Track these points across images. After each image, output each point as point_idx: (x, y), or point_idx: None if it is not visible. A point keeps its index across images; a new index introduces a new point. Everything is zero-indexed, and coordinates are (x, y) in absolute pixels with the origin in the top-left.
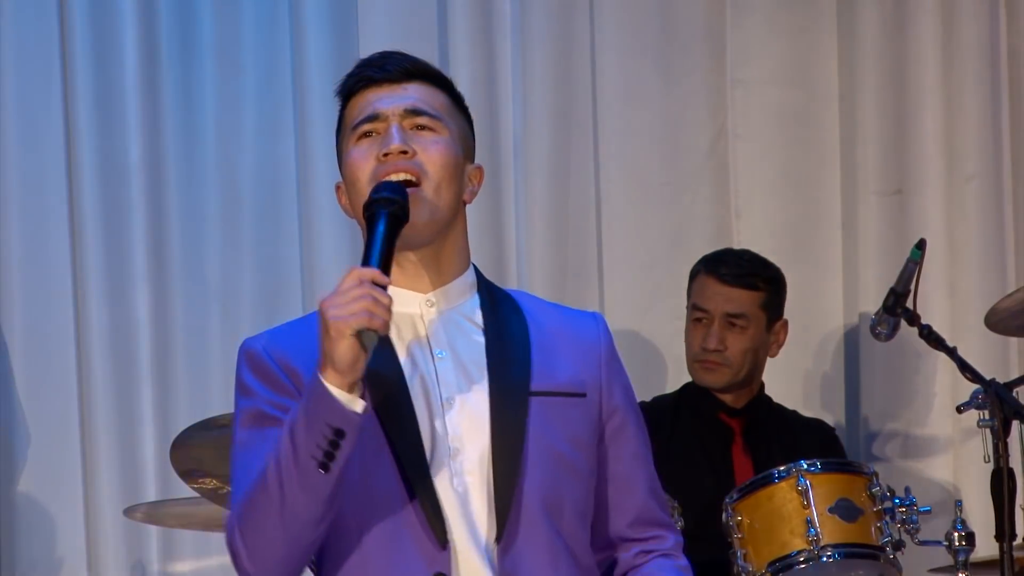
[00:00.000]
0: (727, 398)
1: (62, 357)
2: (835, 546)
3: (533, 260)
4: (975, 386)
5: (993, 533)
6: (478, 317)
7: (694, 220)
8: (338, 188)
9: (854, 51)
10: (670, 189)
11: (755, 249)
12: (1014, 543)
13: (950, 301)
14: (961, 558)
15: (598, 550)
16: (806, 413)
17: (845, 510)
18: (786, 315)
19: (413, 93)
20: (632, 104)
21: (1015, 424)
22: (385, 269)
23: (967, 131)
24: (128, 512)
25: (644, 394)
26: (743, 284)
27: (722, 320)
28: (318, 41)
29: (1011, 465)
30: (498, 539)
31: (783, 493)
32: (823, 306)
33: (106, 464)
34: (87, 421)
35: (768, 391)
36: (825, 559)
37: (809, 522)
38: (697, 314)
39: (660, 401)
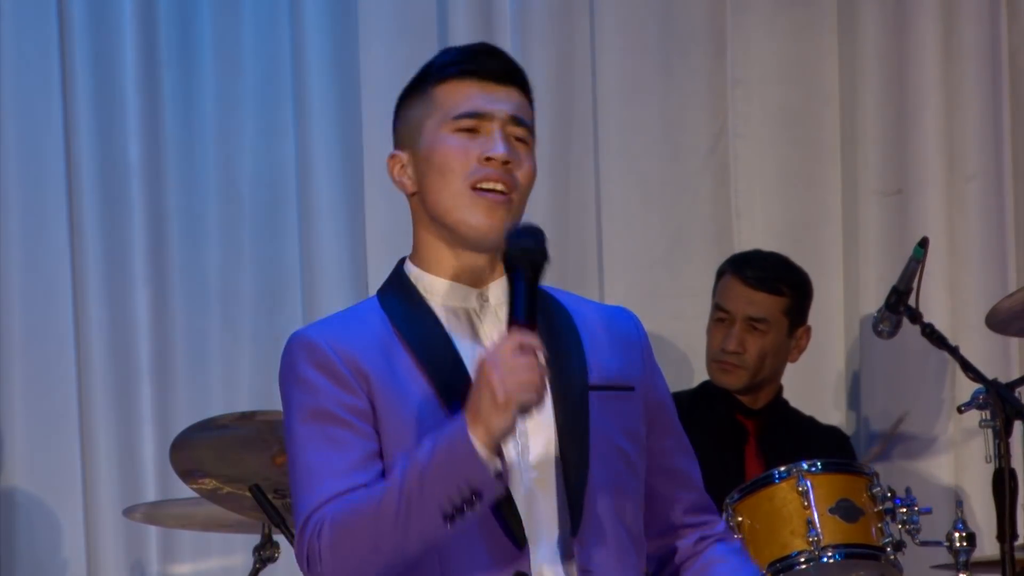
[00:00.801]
0: (744, 399)
1: (62, 357)
2: (836, 547)
3: None
4: (976, 386)
5: (994, 533)
6: None
7: (694, 220)
8: (393, 158)
9: (854, 51)
10: (670, 189)
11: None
12: (1015, 543)
13: (951, 301)
14: (962, 558)
15: (653, 538)
16: (806, 413)
17: (846, 510)
18: (807, 319)
19: (518, 101)
20: (632, 104)
21: (1017, 424)
22: (534, 325)
23: (967, 131)
24: (128, 512)
25: None
26: (767, 288)
27: (743, 322)
28: (318, 41)
29: (1012, 465)
30: (573, 533)
31: (784, 494)
32: (823, 306)
33: (106, 464)
34: (87, 421)
35: None
36: (826, 560)
37: (810, 523)
38: (719, 314)
39: (677, 397)
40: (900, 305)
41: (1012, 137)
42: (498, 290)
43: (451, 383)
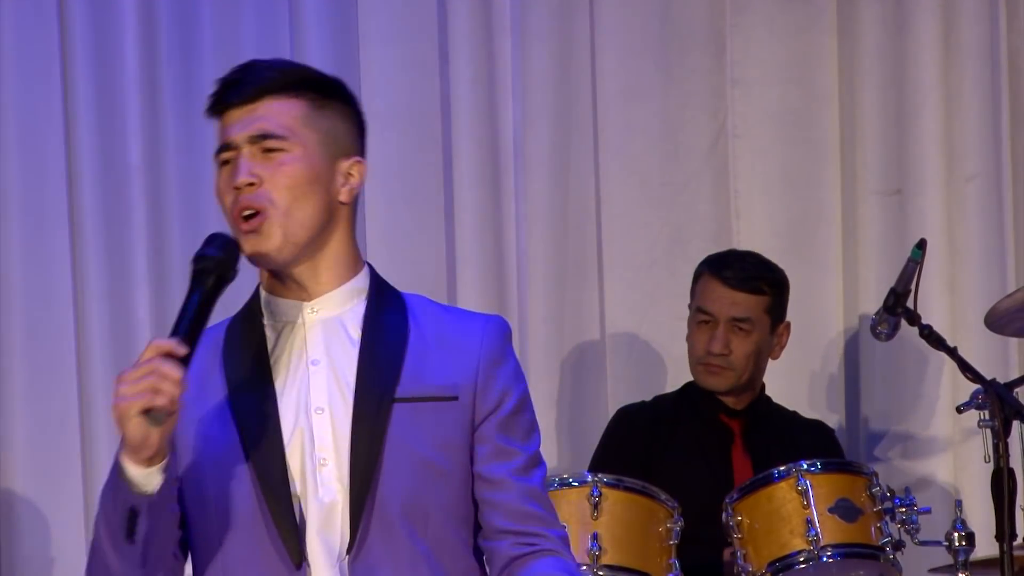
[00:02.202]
0: (728, 400)
1: (62, 357)
2: (835, 546)
3: (533, 260)
4: (975, 386)
5: (993, 533)
6: (358, 324)
7: (694, 220)
8: None
9: (854, 51)
10: (670, 189)
11: (755, 249)
12: (1014, 543)
13: (950, 301)
14: (961, 558)
15: (483, 543)
16: (807, 413)
17: (845, 510)
18: (786, 315)
19: (263, 113)
20: (632, 104)
21: (1015, 424)
22: (190, 337)
23: (967, 131)
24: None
25: (643, 394)
26: (748, 288)
27: (727, 324)
28: (318, 41)
29: (1011, 465)
30: (348, 549)
31: (783, 493)
32: (823, 306)
33: (106, 464)
34: (87, 421)
35: (768, 391)
36: (825, 559)
37: (809, 522)
38: (701, 317)
39: (661, 400)
40: (898, 307)
41: (1011, 137)
42: (331, 302)
43: (250, 402)
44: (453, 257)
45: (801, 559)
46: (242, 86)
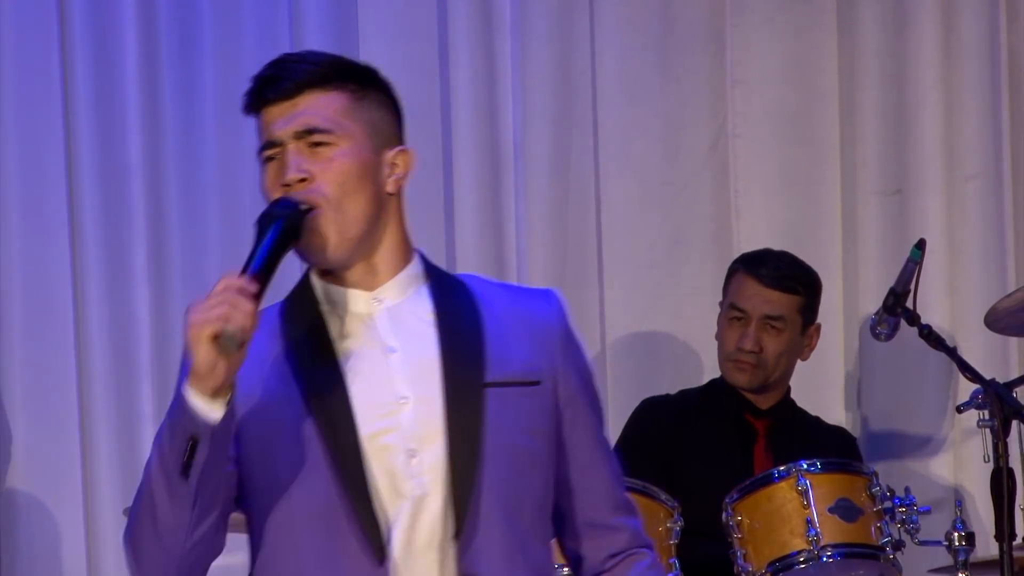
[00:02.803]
0: (754, 399)
1: (62, 357)
2: (835, 546)
3: (533, 260)
4: (975, 386)
5: (993, 533)
6: (428, 308)
7: (694, 220)
8: None
9: (854, 51)
10: (670, 189)
11: (755, 249)
12: (1014, 543)
13: (950, 301)
14: (961, 558)
15: (567, 538)
16: (811, 413)
17: (845, 510)
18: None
19: (304, 107)
20: (632, 104)
21: (1015, 424)
22: (261, 277)
23: (967, 131)
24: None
25: (643, 393)
26: (783, 287)
27: (760, 321)
28: (318, 41)
29: (1011, 465)
30: (456, 536)
31: (783, 493)
32: (823, 306)
33: (106, 464)
34: (87, 421)
35: None
36: (825, 559)
37: (809, 522)
38: (734, 313)
39: (687, 394)
40: (898, 307)
41: (1011, 137)
42: (393, 290)
43: (324, 393)
44: (453, 257)
45: (801, 559)
46: (280, 81)
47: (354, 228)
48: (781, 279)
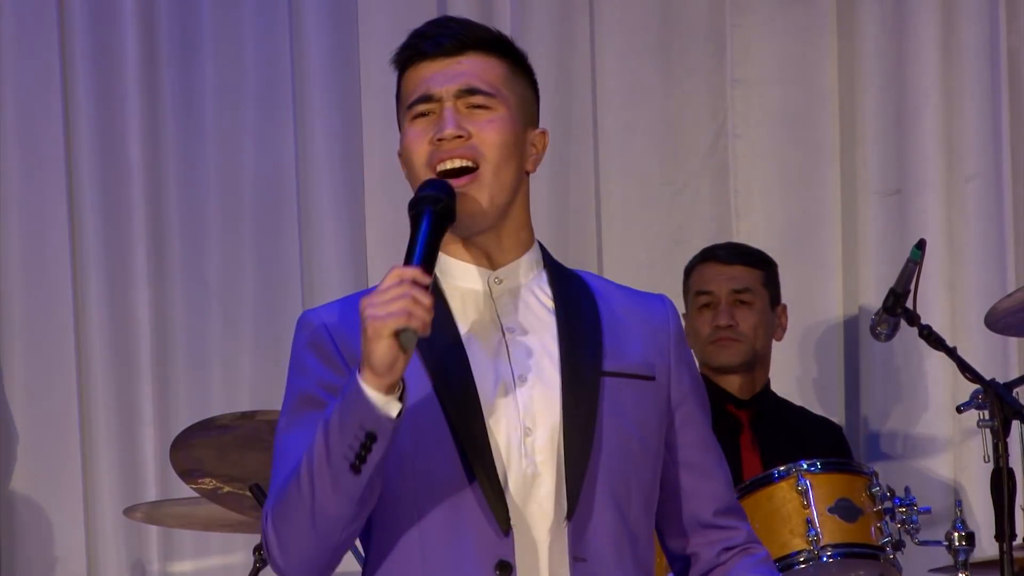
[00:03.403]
0: (735, 387)
1: (62, 357)
2: (835, 546)
3: None
4: (975, 386)
5: (993, 533)
6: (547, 294)
7: (694, 220)
8: (400, 156)
9: (854, 51)
10: (670, 189)
11: None
12: (1014, 543)
13: (950, 301)
14: (961, 558)
15: (672, 537)
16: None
17: (845, 510)
18: (781, 299)
19: (468, 68)
20: (632, 104)
21: (1015, 424)
22: (427, 268)
23: (967, 131)
24: (128, 512)
25: None
26: (743, 261)
27: (729, 298)
28: (318, 41)
29: (1011, 465)
30: (568, 518)
31: (783, 493)
32: (823, 306)
33: (106, 464)
34: (87, 421)
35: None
36: (825, 559)
37: (809, 522)
38: (702, 299)
39: None
40: (897, 307)
41: (1011, 137)
42: (515, 272)
43: (446, 364)
44: None
45: (801, 559)
46: (442, 38)
47: (503, 195)
48: (738, 254)
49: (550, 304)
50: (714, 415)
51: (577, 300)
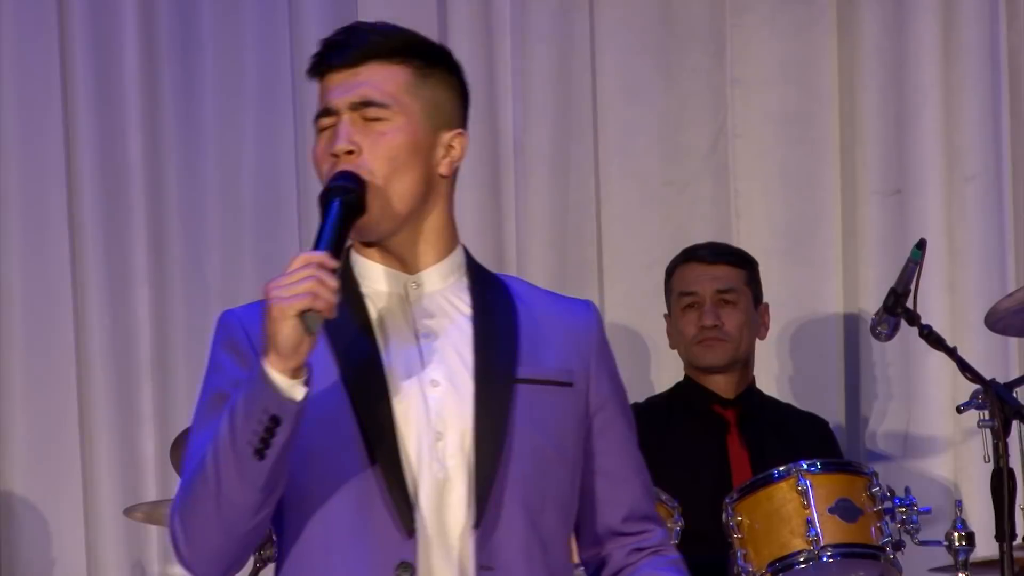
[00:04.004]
0: (719, 387)
1: (62, 357)
2: (835, 546)
3: (533, 260)
4: (975, 386)
5: (993, 533)
6: (465, 300)
7: (694, 220)
8: None
9: (854, 51)
10: (670, 189)
11: (755, 249)
12: (1014, 543)
13: (950, 301)
14: (961, 558)
15: (587, 546)
16: (804, 410)
17: (845, 510)
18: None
19: (365, 79)
20: (632, 103)
21: (1015, 424)
22: (334, 252)
23: (967, 131)
24: (128, 512)
25: (644, 393)
26: (726, 261)
27: (713, 298)
28: (318, 40)
29: (1011, 465)
30: (476, 526)
31: (783, 493)
32: (823, 306)
33: (106, 464)
34: (87, 421)
35: (768, 390)
36: (825, 559)
37: (809, 522)
38: (686, 300)
39: (653, 401)
40: (898, 307)
41: (1011, 137)
42: (433, 276)
43: (360, 366)
44: None
45: (801, 559)
46: (346, 49)
47: (399, 206)
48: (721, 254)
49: (467, 310)
50: (701, 415)
51: (495, 306)
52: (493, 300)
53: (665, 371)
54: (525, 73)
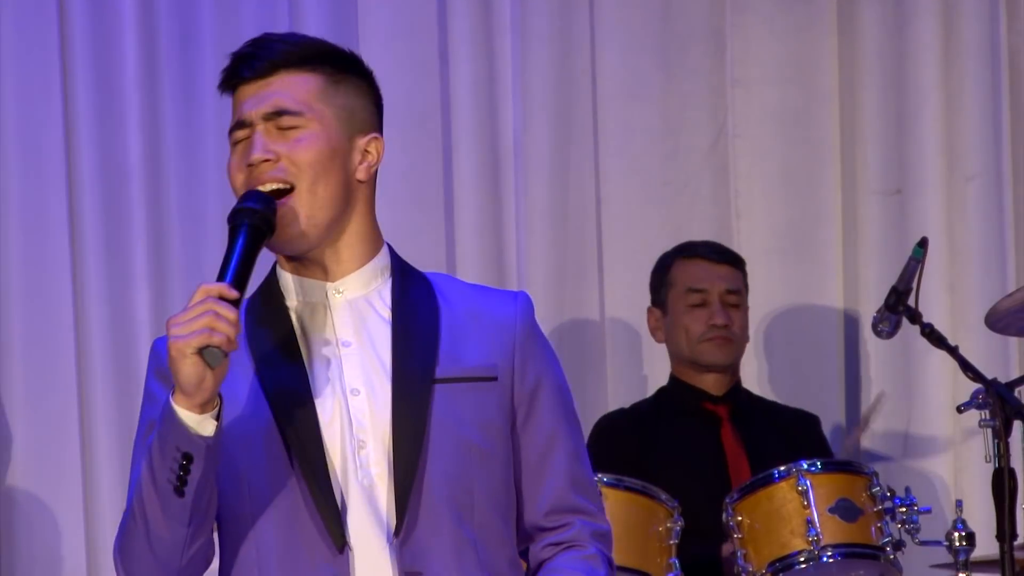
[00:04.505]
0: (709, 384)
1: (62, 357)
2: (835, 546)
3: (533, 260)
4: (975, 386)
5: (993, 533)
6: (387, 303)
7: (694, 220)
8: None
9: (854, 51)
10: (670, 189)
11: (755, 249)
12: (1014, 543)
13: (950, 301)
14: (961, 558)
15: (520, 541)
16: (806, 412)
17: (845, 510)
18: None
19: (276, 88)
20: (632, 104)
21: (1016, 424)
22: (238, 283)
23: (967, 131)
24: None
25: (644, 393)
26: (729, 261)
27: (723, 297)
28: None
29: (1012, 465)
30: (396, 533)
31: (783, 493)
32: (823, 305)
33: (106, 464)
34: (87, 421)
35: (768, 390)
36: (825, 559)
37: (809, 522)
38: (695, 298)
39: (638, 408)
40: (899, 305)
41: (1012, 137)
42: (355, 282)
43: (283, 383)
44: (453, 257)
45: (801, 559)
46: (255, 60)
47: (322, 212)
48: (725, 253)
49: (387, 314)
50: (692, 414)
51: (415, 307)
52: (414, 301)
53: (663, 369)
54: (525, 73)
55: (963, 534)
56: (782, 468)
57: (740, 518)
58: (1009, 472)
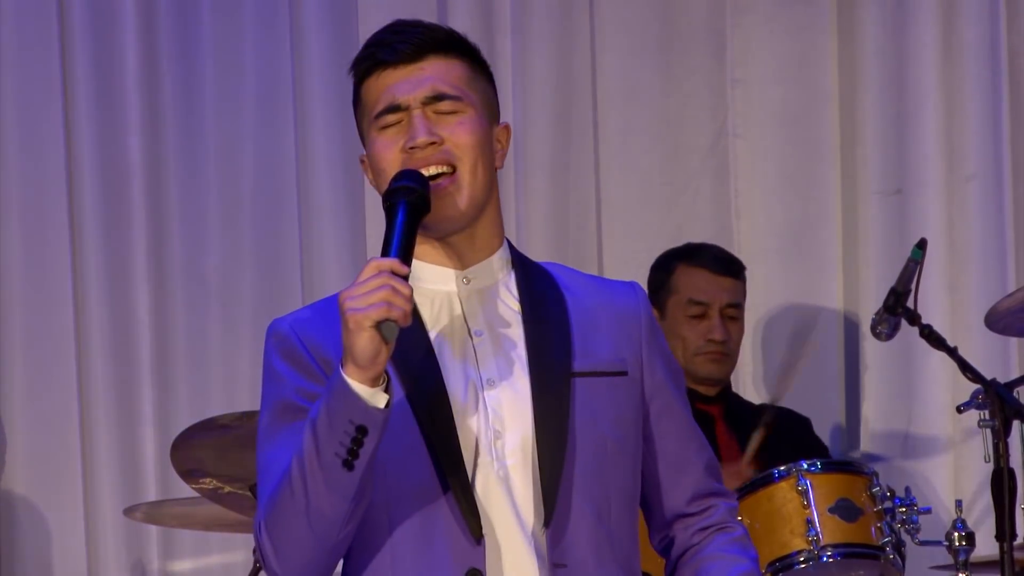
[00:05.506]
0: (703, 388)
1: (62, 357)
2: (835, 546)
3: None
4: (975, 386)
5: (993, 533)
6: (514, 295)
7: (694, 220)
8: (363, 162)
9: (854, 51)
10: (670, 189)
11: (755, 249)
12: (1014, 543)
13: (950, 301)
14: (961, 558)
15: (656, 530)
16: (807, 413)
17: (845, 510)
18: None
19: (431, 72)
20: (632, 104)
21: (1016, 424)
22: (405, 259)
23: (967, 131)
24: (128, 512)
25: None
26: (732, 273)
27: (723, 311)
28: (318, 41)
29: (1011, 465)
30: (546, 525)
31: (783, 493)
32: (823, 306)
33: (106, 464)
34: (87, 421)
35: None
36: (825, 559)
37: (809, 522)
38: (695, 309)
39: None
40: (898, 307)
41: (1012, 137)
42: (485, 271)
43: (417, 370)
44: None
45: (801, 559)
46: (401, 45)
47: (481, 195)
48: (729, 264)
49: (515, 305)
50: None
51: (544, 299)
52: (542, 293)
53: None
54: (525, 73)
55: (963, 534)
56: (782, 468)
57: (740, 518)
58: (1009, 472)
